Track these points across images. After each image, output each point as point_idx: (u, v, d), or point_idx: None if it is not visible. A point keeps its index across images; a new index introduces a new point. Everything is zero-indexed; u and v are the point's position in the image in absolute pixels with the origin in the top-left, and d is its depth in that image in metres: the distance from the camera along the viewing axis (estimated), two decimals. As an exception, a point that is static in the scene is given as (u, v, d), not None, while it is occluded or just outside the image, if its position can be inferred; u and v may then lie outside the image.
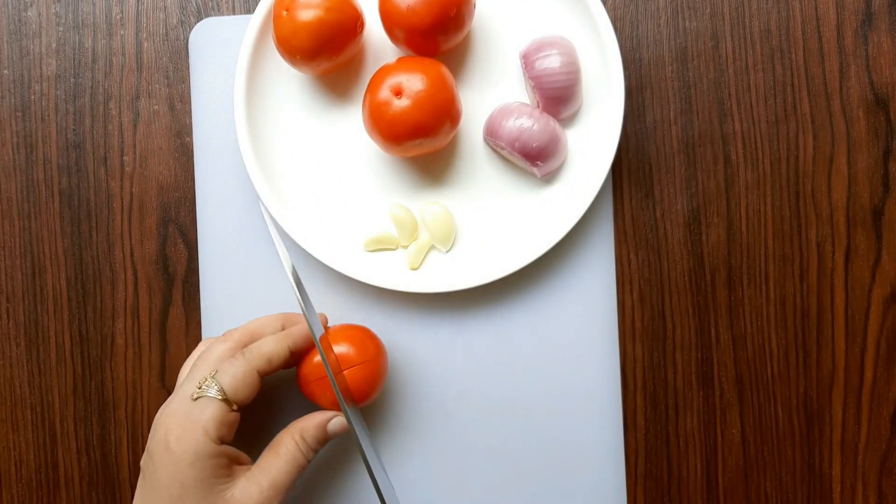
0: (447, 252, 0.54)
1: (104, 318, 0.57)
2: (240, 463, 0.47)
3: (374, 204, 0.54)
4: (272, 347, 0.48)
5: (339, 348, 0.50)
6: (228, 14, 0.56)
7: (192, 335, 0.56)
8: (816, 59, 0.54)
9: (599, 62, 0.53)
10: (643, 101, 0.54)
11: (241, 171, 0.55)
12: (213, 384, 0.46)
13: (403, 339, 0.54)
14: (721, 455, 0.54)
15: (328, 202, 0.55)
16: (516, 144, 0.51)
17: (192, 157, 0.56)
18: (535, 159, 0.51)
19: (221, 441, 0.46)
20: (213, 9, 0.57)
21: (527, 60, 0.52)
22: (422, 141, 0.50)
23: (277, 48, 0.51)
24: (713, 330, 0.54)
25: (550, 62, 0.51)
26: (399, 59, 0.51)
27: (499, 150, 0.53)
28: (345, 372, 0.49)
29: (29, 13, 0.57)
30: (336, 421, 0.49)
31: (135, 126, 0.57)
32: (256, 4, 0.55)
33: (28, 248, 0.57)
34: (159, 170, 0.56)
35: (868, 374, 0.54)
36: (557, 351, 0.54)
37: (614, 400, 0.54)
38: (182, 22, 0.57)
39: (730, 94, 0.54)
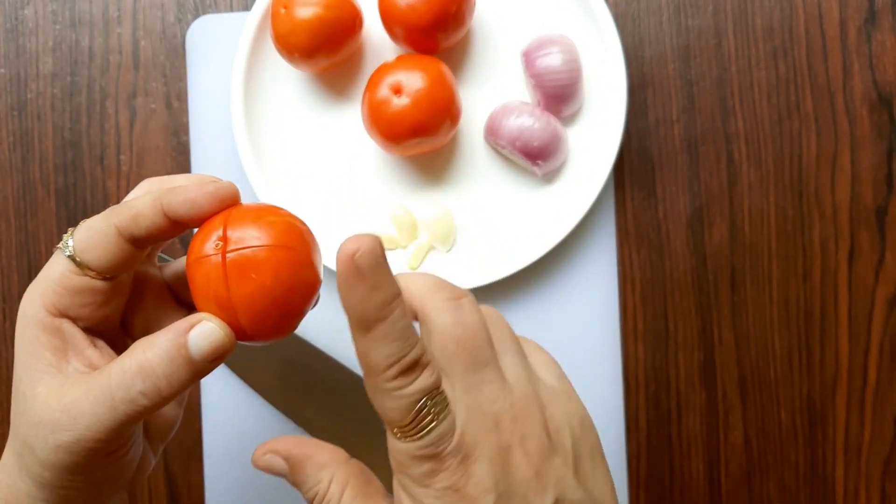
0: (447, 252, 0.53)
1: (101, 319, 0.56)
2: (84, 357, 0.35)
3: (373, 203, 0.54)
4: (141, 203, 0.35)
5: (240, 231, 0.33)
6: (226, 11, 0.56)
7: (190, 336, 0.56)
8: (819, 56, 0.54)
9: (601, 60, 0.52)
10: (645, 99, 0.54)
11: (238, 170, 0.54)
12: (72, 238, 0.35)
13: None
14: (724, 457, 0.54)
15: (327, 202, 0.54)
16: (517, 143, 0.51)
17: (189, 155, 0.56)
18: (536, 158, 0.51)
19: (59, 312, 0.35)
20: (210, 6, 0.56)
21: (528, 58, 0.51)
22: (421, 140, 0.49)
23: (275, 46, 0.50)
24: (716, 330, 0.54)
25: (552, 60, 0.50)
26: (398, 57, 0.50)
27: (499, 149, 0.53)
28: (242, 252, 0.33)
29: (26, 11, 0.57)
30: (204, 332, 0.32)
31: (131, 124, 0.56)
32: (254, 1, 0.55)
33: (24, 248, 0.57)
34: (156, 168, 0.56)
35: (871, 376, 0.53)
36: (559, 351, 0.53)
37: (616, 401, 0.53)
38: (179, 19, 0.56)
39: (732, 93, 0.54)
